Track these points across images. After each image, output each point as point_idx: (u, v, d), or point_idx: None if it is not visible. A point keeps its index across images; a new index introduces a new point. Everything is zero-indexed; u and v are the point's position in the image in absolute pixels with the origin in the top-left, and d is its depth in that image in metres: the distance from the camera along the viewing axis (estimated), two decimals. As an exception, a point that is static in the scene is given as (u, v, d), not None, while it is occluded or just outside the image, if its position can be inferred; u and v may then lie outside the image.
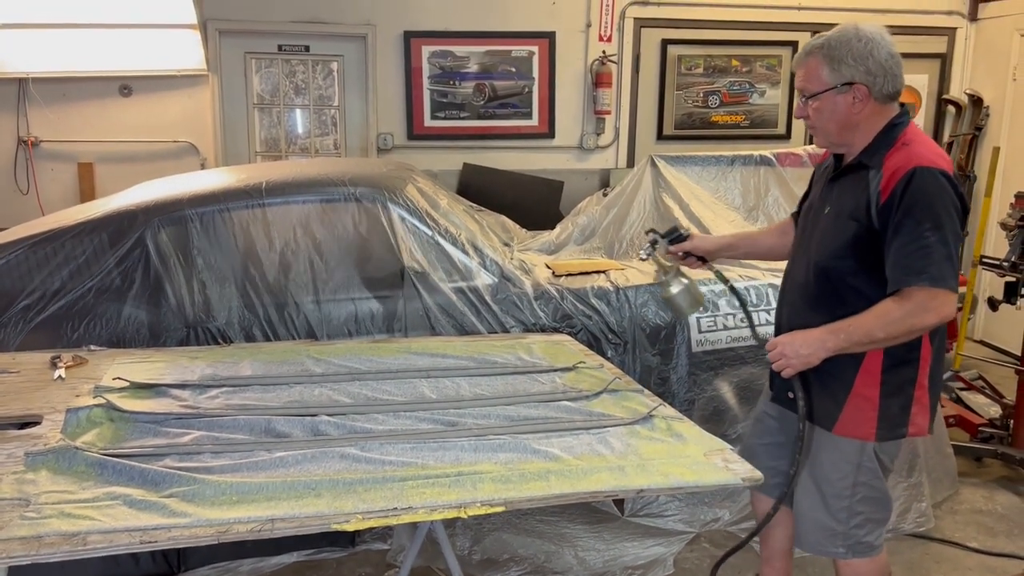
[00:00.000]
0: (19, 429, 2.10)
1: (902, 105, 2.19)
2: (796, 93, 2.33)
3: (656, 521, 3.30)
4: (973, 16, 6.17)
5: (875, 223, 2.07)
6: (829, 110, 2.14)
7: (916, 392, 2.18)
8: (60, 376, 2.46)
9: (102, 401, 2.22)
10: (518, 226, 4.22)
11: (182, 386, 2.40)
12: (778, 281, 2.52)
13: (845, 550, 2.28)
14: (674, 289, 2.53)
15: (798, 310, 2.29)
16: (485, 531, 3.18)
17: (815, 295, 2.22)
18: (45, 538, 1.56)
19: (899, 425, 2.19)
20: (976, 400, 4.33)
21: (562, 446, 2.04)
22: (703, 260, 2.58)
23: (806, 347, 2.12)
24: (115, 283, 2.98)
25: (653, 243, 2.56)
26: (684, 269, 2.60)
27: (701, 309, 2.66)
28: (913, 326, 2.03)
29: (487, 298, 3.20)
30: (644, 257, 2.59)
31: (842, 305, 2.14)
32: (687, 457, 1.99)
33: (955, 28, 6.20)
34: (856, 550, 2.28)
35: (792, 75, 6.13)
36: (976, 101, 6.14)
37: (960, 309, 4.82)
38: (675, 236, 2.56)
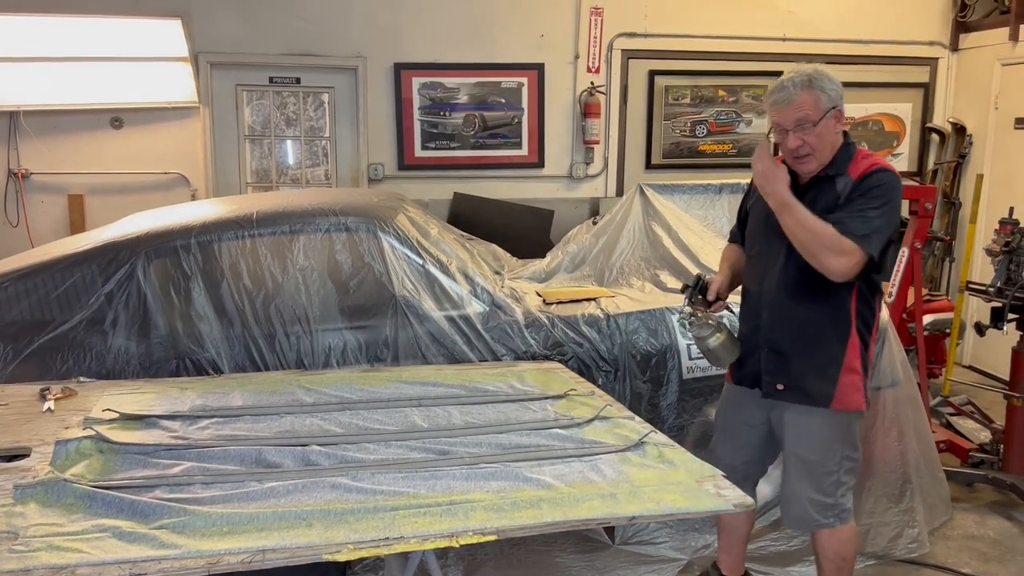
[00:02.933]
0: (7, 462, 2.09)
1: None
2: (775, 129, 2.45)
3: (647, 548, 3.28)
4: (954, 46, 6.28)
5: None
6: (826, 134, 2.39)
7: (870, 359, 2.54)
8: (49, 408, 2.45)
9: (92, 433, 2.21)
10: (508, 255, 4.24)
11: (172, 417, 2.40)
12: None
13: (834, 519, 2.55)
14: (715, 341, 2.58)
15: (780, 306, 2.48)
16: (477, 561, 3.16)
17: (798, 288, 2.43)
18: (34, 571, 1.55)
19: (868, 390, 2.53)
20: (966, 425, 4.34)
21: (554, 474, 2.04)
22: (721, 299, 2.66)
23: (772, 175, 2.37)
24: (105, 314, 2.98)
25: (691, 299, 2.60)
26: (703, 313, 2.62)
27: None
28: (819, 253, 2.29)
29: (478, 326, 3.21)
30: (689, 321, 2.57)
31: (823, 290, 2.39)
32: (679, 484, 1.99)
33: (937, 58, 6.30)
34: (841, 517, 2.56)
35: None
36: (959, 129, 6.23)
37: (948, 335, 4.85)
38: (701, 285, 2.62)
